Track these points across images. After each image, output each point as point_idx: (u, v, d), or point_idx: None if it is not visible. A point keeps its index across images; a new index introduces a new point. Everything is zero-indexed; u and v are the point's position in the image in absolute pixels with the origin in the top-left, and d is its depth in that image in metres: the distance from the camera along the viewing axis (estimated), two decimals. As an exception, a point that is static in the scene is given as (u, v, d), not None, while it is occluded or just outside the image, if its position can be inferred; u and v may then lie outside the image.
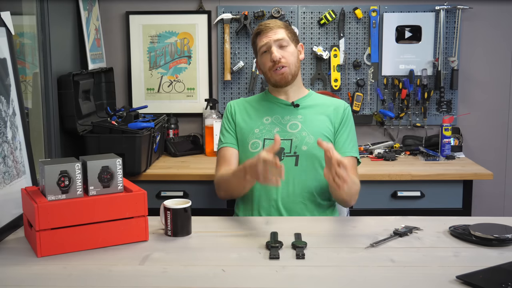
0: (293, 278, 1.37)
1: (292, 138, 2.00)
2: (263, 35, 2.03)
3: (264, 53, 2.03)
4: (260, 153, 1.66)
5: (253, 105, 2.13)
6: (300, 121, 2.04)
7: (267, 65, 2.03)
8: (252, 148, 2.02)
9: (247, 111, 2.12)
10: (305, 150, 1.99)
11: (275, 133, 2.01)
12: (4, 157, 1.73)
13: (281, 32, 2.02)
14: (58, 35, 2.56)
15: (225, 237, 1.68)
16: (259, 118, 2.08)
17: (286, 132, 2.02)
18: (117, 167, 1.60)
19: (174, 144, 3.05)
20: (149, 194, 1.63)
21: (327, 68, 3.18)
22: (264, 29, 2.03)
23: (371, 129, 3.22)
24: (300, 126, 2.03)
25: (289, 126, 2.03)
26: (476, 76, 3.19)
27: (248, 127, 2.07)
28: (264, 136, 2.03)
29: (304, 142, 1.99)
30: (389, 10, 3.13)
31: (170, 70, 3.22)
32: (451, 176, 2.67)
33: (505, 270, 1.38)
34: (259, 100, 2.15)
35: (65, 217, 1.52)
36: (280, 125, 2.04)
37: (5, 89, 1.81)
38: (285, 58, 2.00)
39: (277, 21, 2.06)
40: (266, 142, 2.01)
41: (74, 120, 2.54)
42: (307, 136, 2.00)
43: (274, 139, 1.71)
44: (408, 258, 1.49)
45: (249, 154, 2.00)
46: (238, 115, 2.11)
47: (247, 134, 2.05)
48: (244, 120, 2.09)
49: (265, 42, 2.01)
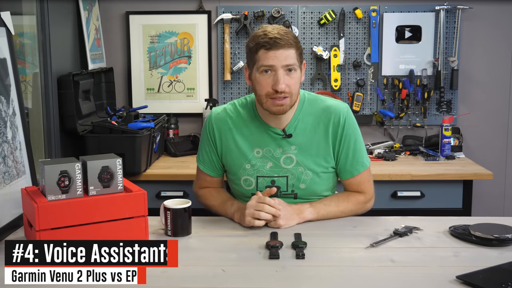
0: (293, 278, 1.37)
1: (288, 175, 1.83)
2: (270, 53, 1.69)
3: (265, 72, 1.72)
4: (253, 196, 1.72)
5: (239, 127, 1.86)
6: (294, 153, 1.82)
7: (265, 89, 1.72)
8: (245, 185, 1.87)
9: (233, 137, 1.86)
10: (303, 188, 1.84)
11: (268, 169, 1.83)
12: (4, 157, 1.73)
13: (292, 54, 1.70)
14: (58, 35, 2.56)
15: (225, 237, 1.68)
16: (248, 150, 1.84)
17: (280, 168, 1.83)
18: (117, 167, 1.60)
19: (174, 144, 3.05)
20: (149, 194, 1.64)
21: (327, 68, 3.18)
22: (273, 45, 1.68)
23: (371, 129, 3.22)
24: (295, 160, 1.82)
25: (283, 161, 1.83)
26: (476, 76, 3.19)
27: (237, 160, 1.85)
28: (256, 173, 1.84)
29: (302, 180, 1.83)
30: (389, 10, 3.13)
31: (170, 70, 3.22)
32: (451, 176, 2.67)
33: (505, 270, 1.38)
34: (246, 118, 1.86)
35: (65, 217, 1.52)
36: (273, 159, 1.83)
37: (5, 89, 1.81)
38: (289, 87, 1.71)
39: (288, 34, 1.71)
40: (260, 180, 1.84)
41: (74, 120, 2.54)
42: (304, 172, 1.83)
43: (270, 188, 1.75)
44: (408, 258, 1.49)
45: (243, 190, 1.88)
46: (222, 140, 1.87)
47: (237, 169, 1.86)
48: (230, 149, 1.86)
49: (271, 64, 1.70)
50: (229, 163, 1.88)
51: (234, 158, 1.87)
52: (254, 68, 1.75)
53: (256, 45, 1.72)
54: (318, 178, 1.85)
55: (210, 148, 1.90)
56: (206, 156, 1.92)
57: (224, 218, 1.85)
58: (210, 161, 1.92)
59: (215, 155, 1.90)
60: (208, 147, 1.91)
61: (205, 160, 1.93)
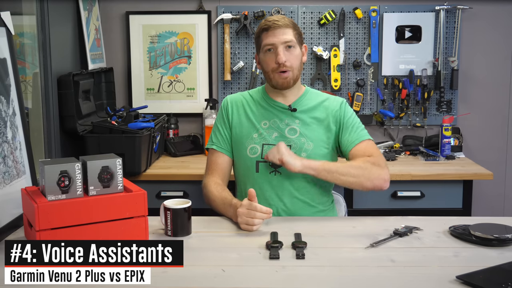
0: (293, 278, 1.37)
1: (291, 144, 1.98)
2: (270, 33, 1.95)
3: (268, 51, 1.96)
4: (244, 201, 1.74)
5: (251, 105, 2.07)
6: (298, 126, 2.01)
7: (270, 65, 1.97)
8: (250, 153, 2.00)
9: (245, 112, 2.06)
10: (304, 156, 1.96)
11: (274, 138, 1.99)
12: (4, 157, 1.73)
13: (289, 32, 1.95)
14: (58, 35, 2.56)
15: (225, 237, 1.68)
16: (257, 122, 2.03)
17: (284, 137, 1.99)
18: (117, 167, 1.60)
19: (174, 144, 3.05)
20: (149, 194, 1.63)
21: (327, 68, 3.18)
22: (272, 26, 1.94)
23: (371, 129, 3.22)
24: (299, 131, 2.00)
25: (288, 131, 2.00)
26: (476, 76, 3.19)
27: (246, 131, 2.03)
28: (262, 141, 2.00)
29: (304, 149, 1.97)
30: (389, 10, 3.13)
31: (170, 70, 3.22)
32: (451, 176, 2.67)
33: (505, 270, 1.38)
34: (256, 99, 2.08)
35: (65, 217, 1.51)
36: (278, 129, 2.01)
37: (5, 89, 1.81)
38: (290, 62, 1.95)
39: (285, 19, 1.98)
40: (265, 148, 1.98)
41: (74, 120, 2.54)
42: (306, 142, 1.98)
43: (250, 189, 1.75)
44: (408, 258, 1.49)
45: (247, 159, 2.00)
46: (234, 114, 2.06)
47: (245, 139, 2.02)
48: (241, 122, 2.05)
49: (271, 42, 1.94)
50: (238, 135, 2.04)
51: (243, 129, 2.04)
52: (260, 51, 2.00)
53: (259, 30, 2.00)
54: (319, 150, 1.98)
55: (223, 125, 2.07)
56: (219, 134, 2.07)
57: (224, 218, 1.86)
58: (222, 137, 2.06)
59: (228, 130, 2.06)
60: (221, 125, 2.07)
61: (218, 138, 2.07)
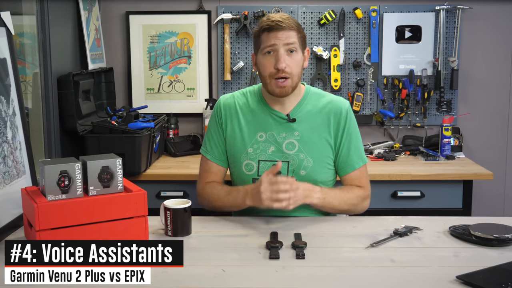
0: (293, 278, 1.37)
1: (289, 160, 1.86)
2: (272, 34, 1.78)
3: (268, 54, 1.80)
4: (263, 176, 1.68)
5: (245, 113, 1.92)
6: (296, 139, 1.87)
7: (268, 70, 1.81)
8: (246, 170, 1.89)
9: (238, 121, 1.91)
10: (303, 175, 1.85)
11: (270, 153, 1.87)
12: (4, 157, 1.73)
13: (293, 35, 1.79)
14: (58, 35, 2.56)
15: (225, 237, 1.68)
16: (252, 133, 1.89)
17: (282, 152, 1.86)
18: (117, 167, 1.60)
19: (174, 144, 3.05)
20: (149, 194, 1.63)
21: (327, 68, 3.18)
22: (274, 27, 1.78)
23: (371, 129, 3.22)
24: (297, 146, 1.86)
25: (285, 146, 1.87)
26: (476, 76, 3.19)
27: (240, 144, 1.90)
28: (258, 157, 1.87)
29: (303, 167, 1.86)
30: (389, 10, 3.13)
31: (170, 70, 3.22)
32: (451, 176, 2.67)
33: (505, 270, 1.38)
34: (252, 105, 1.93)
35: (65, 217, 1.51)
36: (275, 143, 1.87)
37: (5, 89, 1.81)
38: (290, 68, 1.79)
39: (290, 19, 1.81)
40: (261, 164, 1.87)
41: (74, 120, 2.54)
42: (305, 159, 1.86)
43: (275, 165, 1.72)
44: (408, 258, 1.49)
45: (243, 174, 1.90)
46: (228, 123, 1.92)
47: (240, 153, 1.90)
48: (234, 133, 1.91)
49: (272, 43, 1.78)
50: (232, 148, 1.92)
51: (237, 142, 1.91)
52: (259, 52, 1.84)
53: (260, 29, 1.83)
54: (319, 167, 1.88)
55: (217, 133, 1.94)
56: (213, 143, 1.95)
57: (224, 218, 1.85)
58: (217, 146, 1.94)
59: (222, 139, 1.94)
60: (216, 133, 1.95)
61: (212, 147, 1.95)
